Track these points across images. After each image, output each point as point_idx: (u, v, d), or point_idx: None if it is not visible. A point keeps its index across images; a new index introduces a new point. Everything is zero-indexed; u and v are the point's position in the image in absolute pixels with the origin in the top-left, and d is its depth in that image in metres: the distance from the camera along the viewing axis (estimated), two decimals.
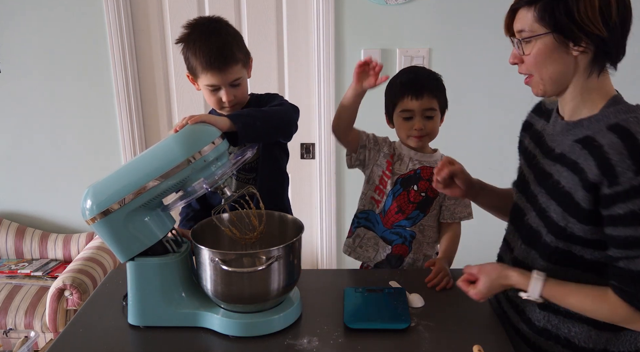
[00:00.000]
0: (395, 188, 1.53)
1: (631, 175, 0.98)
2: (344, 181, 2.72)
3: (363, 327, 1.19)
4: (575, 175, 1.06)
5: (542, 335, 1.18)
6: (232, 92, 1.46)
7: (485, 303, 1.30)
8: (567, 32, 1.04)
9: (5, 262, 2.69)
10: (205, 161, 1.14)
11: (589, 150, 1.04)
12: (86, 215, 1.18)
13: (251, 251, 1.25)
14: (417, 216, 1.53)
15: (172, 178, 1.14)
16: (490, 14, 2.52)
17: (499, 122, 2.60)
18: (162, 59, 2.65)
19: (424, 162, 1.54)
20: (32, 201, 2.83)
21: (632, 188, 0.98)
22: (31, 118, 2.70)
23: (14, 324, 2.34)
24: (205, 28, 1.45)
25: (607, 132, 1.03)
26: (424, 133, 1.48)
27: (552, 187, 1.12)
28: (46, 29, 2.56)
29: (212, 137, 1.17)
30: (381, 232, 1.57)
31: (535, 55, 1.09)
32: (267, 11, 2.58)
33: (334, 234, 2.79)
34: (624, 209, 0.99)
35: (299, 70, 2.66)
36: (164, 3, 2.58)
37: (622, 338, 1.13)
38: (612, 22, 1.03)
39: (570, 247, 1.11)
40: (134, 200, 1.15)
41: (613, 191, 1.00)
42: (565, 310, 1.14)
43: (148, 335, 1.21)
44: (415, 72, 1.53)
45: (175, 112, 2.73)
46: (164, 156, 1.14)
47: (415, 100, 1.46)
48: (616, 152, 1.00)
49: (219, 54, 1.40)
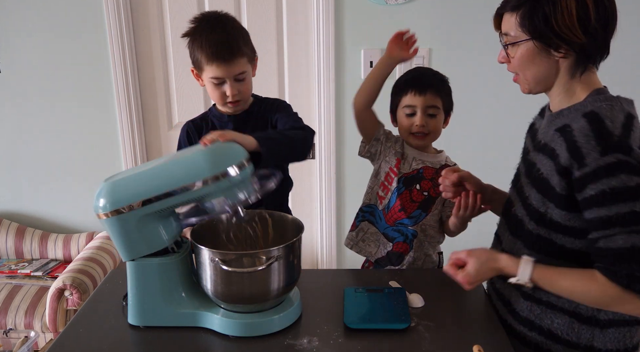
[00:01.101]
0: (398, 186, 1.53)
1: (596, 155, 1.01)
2: (344, 180, 2.72)
3: (363, 327, 1.19)
4: (552, 161, 1.09)
5: (526, 326, 1.20)
6: (236, 86, 1.46)
7: (485, 303, 1.30)
8: (545, 40, 1.08)
9: (5, 262, 2.69)
10: (230, 182, 1.13)
11: (564, 136, 1.07)
12: (98, 210, 1.16)
13: (251, 251, 1.25)
14: (419, 215, 1.53)
15: (193, 192, 1.13)
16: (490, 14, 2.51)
17: (499, 122, 2.61)
18: (162, 59, 2.65)
19: (427, 162, 1.54)
20: (32, 201, 2.83)
21: (599, 168, 1.00)
22: (31, 118, 2.69)
23: (14, 324, 2.34)
24: (212, 21, 1.46)
25: (580, 118, 1.07)
26: (425, 130, 1.48)
27: (534, 175, 1.15)
28: (46, 29, 2.56)
29: (240, 158, 1.16)
30: (383, 229, 1.57)
31: (518, 58, 1.13)
32: (267, 11, 2.58)
33: (334, 234, 2.79)
34: (595, 190, 1.01)
35: (299, 70, 2.66)
36: (164, 3, 2.58)
37: (610, 335, 1.13)
38: (592, 27, 1.05)
39: (551, 235, 1.13)
40: (151, 205, 1.14)
41: (582, 173, 1.02)
42: (547, 300, 1.15)
43: (148, 335, 1.21)
44: (421, 71, 1.57)
45: (175, 112, 2.73)
46: (190, 169, 1.14)
47: (419, 96, 1.47)
48: (582, 134, 1.04)
49: (226, 45, 1.41)
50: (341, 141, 2.65)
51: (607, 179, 1.00)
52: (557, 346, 1.17)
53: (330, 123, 2.61)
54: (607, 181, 1.00)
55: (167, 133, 2.75)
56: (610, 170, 1.00)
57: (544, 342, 1.18)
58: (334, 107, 2.60)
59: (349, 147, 2.65)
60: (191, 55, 1.48)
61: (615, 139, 1.01)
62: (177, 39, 2.61)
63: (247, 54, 1.46)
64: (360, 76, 2.56)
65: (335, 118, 2.61)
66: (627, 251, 1.00)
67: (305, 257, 2.79)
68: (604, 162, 1.00)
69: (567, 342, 1.16)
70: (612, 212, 1.00)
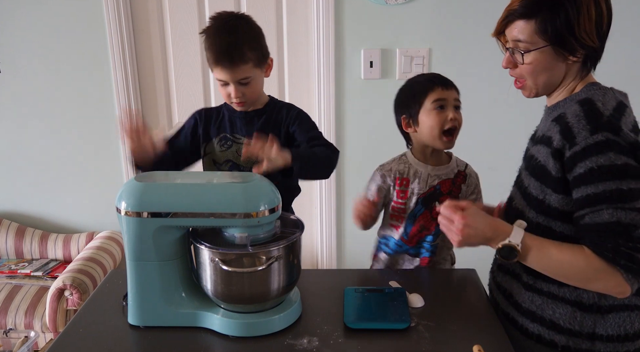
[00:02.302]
0: (416, 209, 1.47)
1: (586, 134, 1.03)
2: (344, 181, 2.72)
3: (363, 327, 1.19)
4: (547, 147, 1.12)
5: (528, 317, 1.21)
6: (240, 89, 1.48)
7: (485, 303, 1.30)
8: (566, 45, 1.10)
9: (5, 262, 2.69)
10: (259, 222, 1.15)
11: (558, 122, 1.11)
12: (121, 206, 1.16)
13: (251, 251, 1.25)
14: (439, 230, 1.48)
15: (219, 220, 1.15)
16: (490, 14, 2.51)
17: (499, 122, 2.61)
18: (162, 59, 2.65)
19: (442, 176, 1.48)
20: (32, 201, 2.83)
21: (588, 146, 1.03)
22: (31, 118, 2.69)
23: (14, 324, 2.34)
24: (222, 24, 1.47)
25: (574, 104, 1.11)
26: (457, 124, 1.43)
27: (533, 165, 1.17)
28: (46, 29, 2.56)
29: (274, 204, 1.17)
30: (405, 250, 1.53)
31: (532, 65, 1.14)
32: (267, 11, 2.58)
33: (334, 234, 2.79)
34: (583, 168, 1.04)
35: (299, 70, 2.66)
36: (164, 3, 2.58)
37: (610, 321, 1.14)
38: (603, 32, 1.10)
39: (550, 223, 1.15)
40: (174, 219, 1.15)
41: (572, 152, 1.05)
42: (548, 290, 1.17)
43: (148, 335, 1.21)
44: (432, 74, 1.50)
45: (175, 112, 2.73)
46: (225, 199, 1.15)
47: (446, 90, 1.43)
48: (574, 116, 1.07)
49: (227, 52, 1.43)
50: (341, 141, 2.65)
51: (596, 157, 1.02)
52: (559, 336, 1.17)
53: (330, 123, 2.61)
54: (595, 158, 1.02)
55: (167, 133, 2.75)
56: (599, 149, 1.02)
57: (547, 333, 1.19)
58: (334, 107, 2.60)
59: (349, 147, 2.66)
60: (204, 51, 1.51)
61: (605, 119, 1.05)
62: (177, 39, 2.61)
63: (253, 59, 1.46)
64: (360, 76, 2.56)
65: (335, 118, 2.61)
66: (613, 224, 1.02)
67: (305, 257, 2.79)
68: (593, 141, 1.03)
69: (570, 332, 1.16)
70: (599, 190, 1.02)
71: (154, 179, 1.22)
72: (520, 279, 1.23)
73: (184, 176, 1.28)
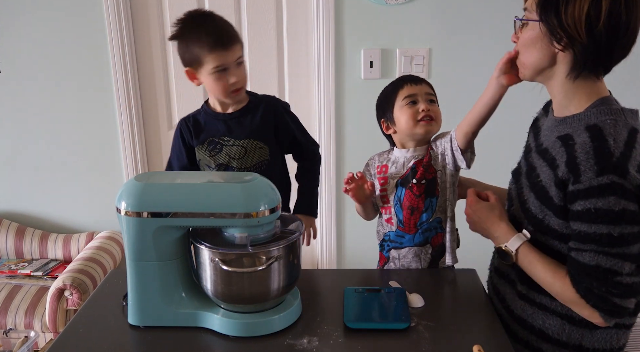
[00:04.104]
0: (398, 191, 1.49)
1: (592, 175, 1.02)
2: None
3: (363, 327, 1.19)
4: (552, 171, 1.10)
5: (519, 323, 1.23)
6: (237, 72, 1.49)
7: (485, 303, 1.30)
8: (550, 26, 1.06)
9: (5, 262, 2.69)
10: (259, 222, 1.15)
11: (565, 148, 1.07)
12: (121, 206, 1.16)
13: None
14: (430, 203, 1.48)
15: (219, 220, 1.15)
16: (490, 14, 2.52)
17: (498, 122, 2.60)
18: (162, 59, 2.65)
19: (417, 156, 1.49)
20: (32, 201, 2.83)
21: (591, 188, 1.02)
22: (31, 118, 2.69)
23: (14, 324, 2.34)
24: (199, 16, 1.51)
25: (583, 131, 1.06)
26: (431, 114, 1.45)
27: (534, 181, 1.16)
28: (46, 29, 2.56)
29: (274, 203, 1.17)
30: (412, 243, 1.50)
31: (524, 39, 1.13)
32: (267, 11, 2.58)
33: (334, 234, 2.79)
34: (582, 206, 1.04)
35: (299, 70, 2.66)
36: (164, 3, 2.58)
37: (598, 336, 1.16)
38: (598, 32, 1.02)
39: (548, 241, 1.16)
40: (174, 219, 1.15)
41: (575, 188, 1.04)
42: (540, 301, 1.19)
43: (148, 335, 1.21)
44: (404, 75, 1.54)
45: (175, 112, 2.73)
46: (225, 199, 1.15)
47: (415, 86, 1.48)
48: (584, 151, 1.04)
49: (220, 35, 1.46)
50: (341, 141, 2.65)
51: (596, 199, 1.01)
52: (547, 345, 1.19)
53: (330, 123, 2.61)
54: (595, 200, 1.02)
55: (167, 133, 2.75)
56: (601, 192, 1.01)
57: (535, 340, 1.21)
58: (334, 107, 2.60)
59: (349, 147, 2.66)
60: (185, 55, 1.51)
61: (614, 160, 1.01)
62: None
63: (240, 39, 1.51)
64: (360, 76, 2.56)
65: (335, 118, 2.61)
66: (591, 268, 1.05)
67: (305, 257, 2.79)
68: (597, 183, 1.01)
69: (557, 342, 1.18)
70: (591, 230, 1.04)
71: (154, 179, 1.22)
72: (515, 286, 1.24)
73: (183, 176, 1.28)
